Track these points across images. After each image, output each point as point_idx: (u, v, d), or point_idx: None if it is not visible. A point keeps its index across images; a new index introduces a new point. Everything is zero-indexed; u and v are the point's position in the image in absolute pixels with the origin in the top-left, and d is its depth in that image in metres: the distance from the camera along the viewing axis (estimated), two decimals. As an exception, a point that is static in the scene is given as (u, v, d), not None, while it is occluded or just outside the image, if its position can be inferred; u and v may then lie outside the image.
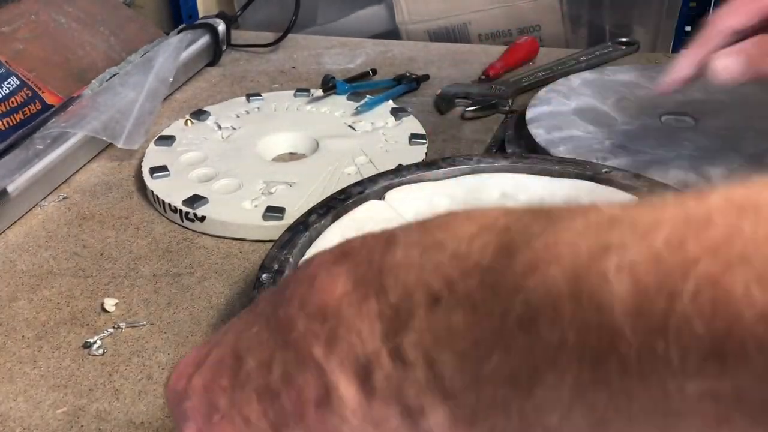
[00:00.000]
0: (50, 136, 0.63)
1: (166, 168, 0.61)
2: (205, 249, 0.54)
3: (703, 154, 0.56)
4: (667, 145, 0.58)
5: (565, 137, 0.59)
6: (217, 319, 0.48)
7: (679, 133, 0.60)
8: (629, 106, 0.64)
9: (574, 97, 0.65)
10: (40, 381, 0.43)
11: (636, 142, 0.58)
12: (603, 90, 0.66)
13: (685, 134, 0.59)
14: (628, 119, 0.62)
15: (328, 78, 0.74)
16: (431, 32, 0.96)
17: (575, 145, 0.58)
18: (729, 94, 0.62)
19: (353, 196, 0.46)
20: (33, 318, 0.48)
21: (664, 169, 0.54)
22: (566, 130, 0.60)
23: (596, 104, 0.64)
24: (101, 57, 0.81)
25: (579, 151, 0.57)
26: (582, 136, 0.59)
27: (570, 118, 0.62)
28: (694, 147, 0.57)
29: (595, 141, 0.59)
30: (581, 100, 0.65)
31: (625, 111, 0.63)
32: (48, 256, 0.54)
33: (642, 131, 0.60)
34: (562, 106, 0.64)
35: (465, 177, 0.48)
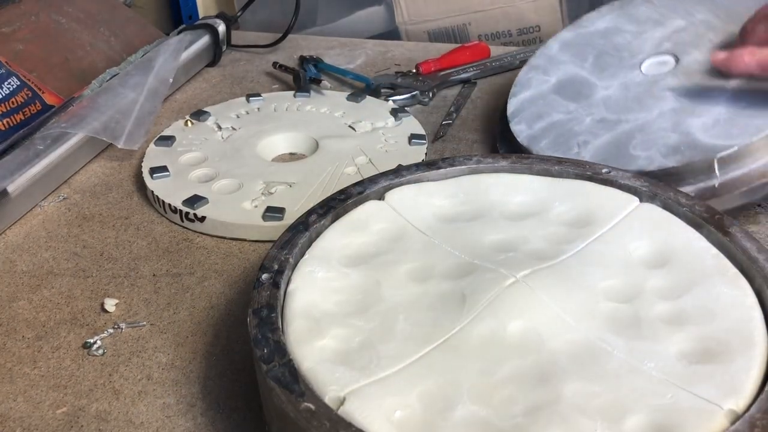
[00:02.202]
0: (50, 136, 0.63)
1: (166, 168, 0.61)
2: (205, 249, 0.54)
3: (686, 104, 0.54)
4: (648, 102, 0.56)
5: (547, 126, 0.59)
6: (217, 319, 0.48)
7: (660, 82, 0.57)
8: (609, 62, 0.62)
9: (554, 70, 0.64)
10: (40, 381, 0.43)
11: (616, 109, 0.57)
12: (582, 49, 0.64)
13: (666, 81, 0.57)
14: (608, 80, 0.60)
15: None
16: (431, 33, 0.96)
17: (557, 134, 0.58)
18: (711, 11, 0.60)
19: (353, 197, 0.46)
20: (33, 318, 0.48)
21: (647, 137, 0.53)
22: (547, 117, 0.60)
23: (576, 71, 0.63)
24: (101, 57, 0.81)
25: (560, 140, 0.57)
26: (563, 120, 0.59)
27: (550, 98, 0.61)
28: (675, 97, 0.55)
29: (576, 122, 0.58)
30: (561, 71, 0.63)
31: (605, 70, 0.61)
32: (48, 257, 0.54)
33: (622, 93, 0.59)
34: (543, 85, 0.63)
35: (465, 177, 0.48)
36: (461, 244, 0.43)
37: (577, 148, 0.57)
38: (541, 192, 0.47)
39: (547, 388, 0.34)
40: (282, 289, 0.39)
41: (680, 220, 0.43)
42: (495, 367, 0.35)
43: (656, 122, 0.54)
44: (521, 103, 0.63)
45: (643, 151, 0.53)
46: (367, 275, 0.41)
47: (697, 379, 0.34)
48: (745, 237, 0.40)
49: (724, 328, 0.36)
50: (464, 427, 0.32)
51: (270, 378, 0.34)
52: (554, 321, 0.37)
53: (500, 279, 0.39)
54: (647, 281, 0.40)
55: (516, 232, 0.44)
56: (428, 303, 0.39)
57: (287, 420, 0.32)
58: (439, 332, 0.37)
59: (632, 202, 0.45)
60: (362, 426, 0.32)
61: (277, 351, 0.35)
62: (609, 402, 0.33)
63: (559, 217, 0.45)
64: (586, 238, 0.43)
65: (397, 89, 0.75)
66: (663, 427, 0.32)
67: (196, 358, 0.45)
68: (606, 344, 0.36)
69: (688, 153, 0.51)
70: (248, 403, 0.41)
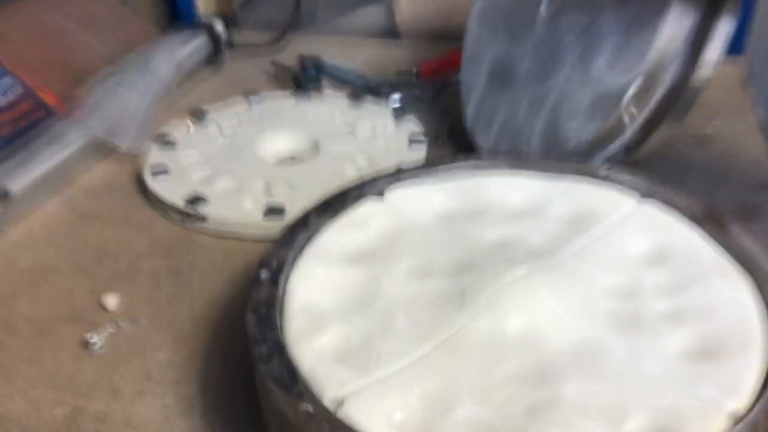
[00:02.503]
0: (50, 136, 0.63)
1: (167, 169, 0.61)
2: (206, 248, 0.54)
3: (585, 41, 0.53)
4: (557, 58, 0.55)
5: (500, 129, 0.59)
6: (217, 317, 0.48)
7: (557, 28, 0.56)
8: (517, 22, 0.60)
9: (482, 54, 0.63)
10: (39, 380, 0.43)
11: (538, 80, 0.56)
12: (493, 19, 0.62)
13: (562, 23, 0.55)
14: (522, 46, 0.59)
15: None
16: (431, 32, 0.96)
17: (510, 134, 0.58)
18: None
19: (352, 196, 0.46)
20: (33, 316, 0.48)
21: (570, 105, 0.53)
22: (496, 119, 0.60)
23: (498, 48, 0.61)
24: (101, 58, 0.81)
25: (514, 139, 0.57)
26: (508, 115, 0.59)
27: (492, 93, 0.61)
28: (575, 38, 0.54)
29: (516, 112, 0.58)
30: (487, 54, 0.62)
31: (516, 33, 0.60)
32: (48, 254, 0.54)
33: (536, 59, 0.57)
34: (481, 79, 0.62)
35: (464, 177, 0.48)
36: (461, 242, 0.43)
37: (525, 148, 0.57)
38: (541, 190, 0.47)
39: (547, 388, 0.34)
40: (281, 287, 0.39)
41: (679, 219, 0.43)
42: (495, 366, 0.35)
43: (571, 80, 0.54)
44: (474, 109, 0.63)
45: (568, 124, 0.53)
46: (367, 273, 0.41)
47: (697, 379, 0.34)
48: (744, 236, 0.40)
49: (723, 327, 0.36)
50: (464, 427, 0.32)
51: (268, 378, 0.34)
52: (554, 319, 0.37)
53: (500, 277, 0.39)
54: (647, 280, 0.40)
55: (515, 230, 0.44)
56: (428, 300, 0.39)
57: (286, 421, 0.32)
58: (438, 330, 0.37)
59: (631, 200, 0.45)
60: (362, 427, 0.32)
61: (276, 349, 0.35)
62: (609, 402, 0.33)
63: (558, 215, 0.45)
64: (586, 236, 0.43)
65: (397, 89, 0.75)
66: (663, 428, 0.32)
67: (195, 356, 0.45)
68: (606, 343, 0.36)
69: (604, 106, 0.50)
70: (248, 403, 0.41)
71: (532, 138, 0.57)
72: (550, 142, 0.55)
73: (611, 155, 0.51)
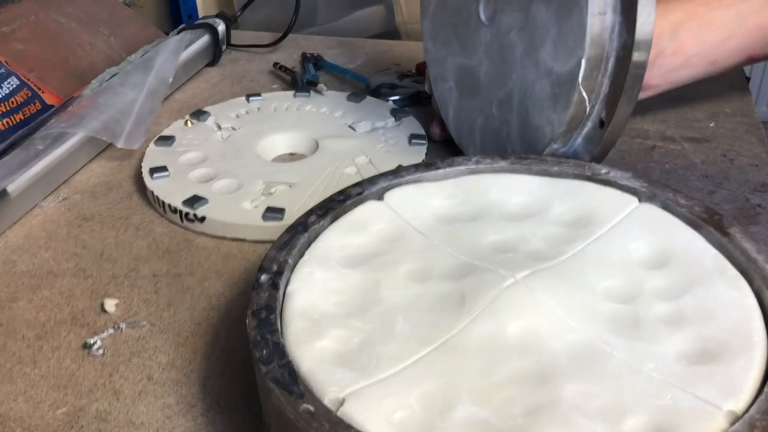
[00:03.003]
0: (50, 136, 0.63)
1: (166, 168, 0.61)
2: (205, 249, 0.54)
3: (521, 39, 0.53)
4: (508, 57, 0.55)
5: (481, 137, 0.60)
6: (217, 319, 0.48)
7: (500, 28, 0.55)
8: (464, 31, 0.59)
9: (444, 71, 0.62)
10: (40, 381, 0.43)
11: (498, 82, 0.56)
12: (442, 33, 0.62)
13: (502, 22, 0.55)
14: (474, 53, 0.59)
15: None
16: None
17: (491, 140, 0.58)
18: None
19: (352, 197, 0.46)
20: (33, 318, 0.48)
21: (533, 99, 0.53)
22: (475, 127, 0.60)
23: (455, 61, 0.61)
24: (101, 57, 0.81)
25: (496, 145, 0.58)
26: (484, 122, 0.59)
27: (462, 105, 0.61)
28: (516, 35, 0.54)
29: (490, 118, 0.58)
30: (448, 68, 0.62)
31: (467, 43, 0.59)
32: (48, 257, 0.54)
33: (490, 62, 0.57)
34: (450, 94, 0.62)
35: (464, 177, 0.48)
36: (460, 245, 0.43)
37: (508, 146, 0.57)
38: (540, 192, 0.47)
39: (547, 389, 0.34)
40: (281, 291, 0.39)
41: (679, 221, 0.43)
42: (495, 368, 0.35)
43: (527, 76, 0.54)
44: (454, 124, 0.63)
45: (539, 115, 0.53)
46: (367, 276, 0.41)
47: (697, 380, 0.34)
48: (745, 237, 0.40)
49: (724, 329, 0.36)
50: (464, 428, 0.32)
51: (269, 379, 0.34)
52: (554, 322, 0.37)
53: (500, 280, 0.39)
54: (647, 282, 0.40)
55: (515, 232, 0.44)
56: (427, 304, 0.39)
57: (286, 421, 0.32)
58: (438, 333, 0.37)
59: (631, 202, 0.45)
60: (362, 427, 0.32)
61: (276, 352, 0.35)
62: (609, 403, 0.33)
63: (558, 217, 0.45)
64: (586, 238, 0.43)
65: (397, 89, 0.76)
66: (663, 428, 0.32)
67: (196, 358, 0.45)
68: (606, 345, 0.36)
69: (563, 93, 0.50)
70: (248, 403, 0.41)
71: (510, 136, 0.57)
72: (528, 135, 0.55)
73: (588, 136, 0.52)
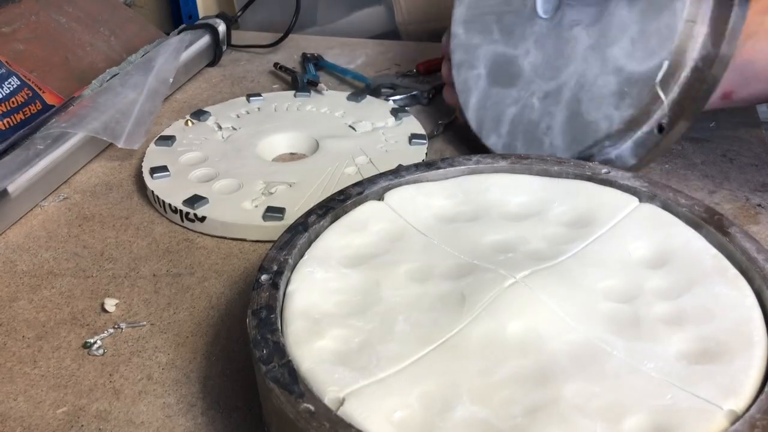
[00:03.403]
0: (51, 136, 0.63)
1: (167, 168, 0.61)
2: (206, 249, 0.54)
3: (595, 33, 0.53)
4: (567, 50, 0.55)
5: (511, 127, 0.59)
6: (217, 319, 0.48)
7: (561, 20, 0.55)
8: (512, 21, 0.59)
9: (475, 59, 0.62)
10: (41, 381, 0.43)
11: (548, 75, 0.56)
12: (483, 21, 0.61)
13: (565, 16, 0.55)
14: (522, 44, 0.58)
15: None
16: (431, 33, 0.96)
17: (523, 132, 0.58)
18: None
19: (352, 197, 0.46)
20: (33, 318, 0.48)
21: (591, 94, 0.54)
22: (504, 117, 0.60)
23: (493, 49, 0.60)
24: (101, 57, 0.81)
25: (529, 137, 0.58)
26: (517, 113, 0.59)
27: (493, 93, 0.61)
28: (584, 30, 0.54)
29: (528, 109, 0.58)
30: (481, 56, 0.61)
31: (512, 32, 0.59)
32: (48, 257, 0.54)
33: (542, 53, 0.57)
34: (479, 81, 0.62)
35: (464, 177, 0.48)
36: (461, 245, 0.43)
37: (547, 139, 0.57)
38: (541, 192, 0.47)
39: (547, 389, 0.34)
40: (281, 290, 0.39)
41: (679, 221, 0.43)
42: (495, 367, 0.35)
43: (588, 70, 0.54)
44: (476, 112, 0.63)
45: (596, 111, 0.54)
46: (367, 276, 0.41)
47: (697, 380, 0.34)
48: (745, 237, 0.41)
49: (724, 329, 0.36)
50: (464, 427, 0.32)
51: (269, 379, 0.34)
52: (554, 321, 0.37)
53: (500, 279, 0.39)
54: (647, 281, 0.40)
55: (515, 232, 0.44)
56: (428, 303, 0.39)
57: (287, 421, 0.32)
58: (438, 333, 0.37)
59: (632, 202, 0.45)
60: (362, 427, 0.32)
61: (277, 352, 0.35)
62: (609, 402, 0.33)
63: (558, 217, 0.45)
64: (586, 238, 0.43)
65: (397, 89, 0.76)
66: (662, 428, 0.32)
67: (196, 358, 0.45)
68: (606, 344, 0.36)
69: (632, 92, 0.51)
70: (248, 402, 0.41)
71: (552, 129, 0.57)
72: (576, 129, 0.55)
73: (644, 138, 0.52)
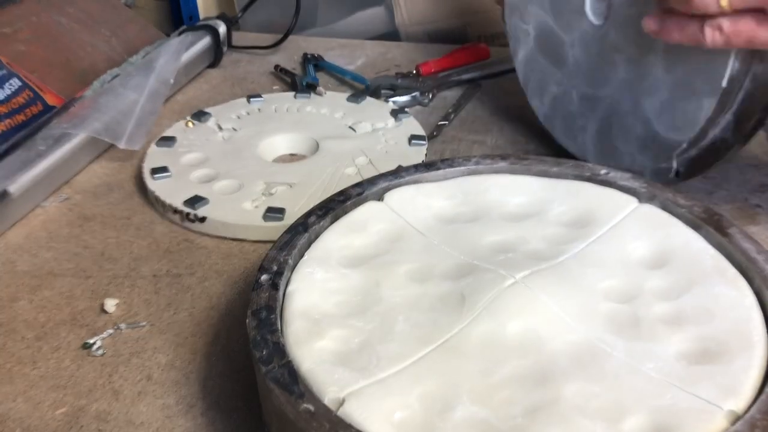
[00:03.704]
0: (51, 137, 0.63)
1: (167, 169, 0.61)
2: (206, 250, 0.54)
3: (632, 73, 0.53)
4: (606, 69, 0.55)
5: (552, 103, 0.61)
6: (217, 319, 0.48)
7: (605, 38, 0.54)
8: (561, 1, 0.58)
9: (525, 12, 0.61)
10: (40, 381, 0.43)
11: (588, 79, 0.57)
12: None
13: (608, 36, 0.54)
14: (569, 31, 0.58)
15: None
16: (431, 34, 0.96)
17: (563, 115, 0.60)
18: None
19: (352, 198, 0.46)
20: (33, 318, 0.48)
21: (621, 124, 0.55)
22: (548, 90, 0.61)
23: (543, 18, 0.60)
24: (102, 58, 0.81)
25: (567, 124, 0.60)
26: (559, 95, 0.60)
27: (540, 62, 0.61)
28: (623, 63, 0.54)
29: (568, 99, 0.59)
30: (531, 14, 0.61)
31: (561, 12, 0.58)
32: (49, 257, 0.54)
33: (585, 53, 0.57)
34: (527, 39, 0.62)
35: (464, 178, 0.48)
36: (460, 245, 0.43)
37: (580, 137, 0.59)
38: (540, 193, 0.47)
39: (547, 389, 0.34)
40: (281, 291, 0.39)
41: (679, 221, 0.43)
42: (495, 367, 0.35)
43: (622, 103, 0.55)
44: (523, 66, 0.63)
45: (624, 144, 0.55)
46: (367, 276, 0.41)
47: (697, 380, 0.34)
48: (744, 238, 0.41)
49: (723, 329, 0.36)
50: (464, 427, 0.32)
51: (269, 379, 0.34)
52: (554, 322, 0.37)
53: (499, 280, 0.39)
54: (646, 282, 0.40)
55: (515, 232, 0.44)
56: (428, 304, 0.39)
57: (287, 421, 0.32)
58: (438, 333, 0.37)
59: (631, 202, 0.45)
60: (362, 427, 0.32)
61: (277, 352, 0.35)
62: (608, 402, 0.33)
63: (558, 217, 0.45)
64: (586, 238, 0.43)
65: (397, 90, 0.76)
66: (662, 428, 0.32)
67: (196, 358, 0.45)
68: (605, 345, 0.36)
69: (655, 149, 0.53)
70: (248, 403, 0.41)
71: (586, 134, 0.58)
72: (604, 147, 0.57)
73: (662, 171, 0.54)
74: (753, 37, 0.43)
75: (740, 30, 0.43)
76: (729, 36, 0.43)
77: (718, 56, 0.46)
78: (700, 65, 0.48)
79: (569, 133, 0.60)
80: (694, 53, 0.48)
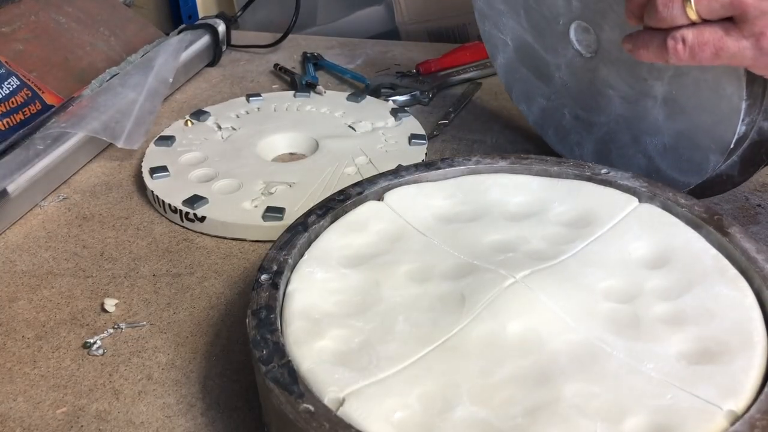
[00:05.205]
0: (50, 136, 0.63)
1: (166, 168, 0.61)
2: (205, 249, 0.54)
3: (628, 109, 0.52)
4: (599, 100, 0.54)
5: (541, 112, 0.60)
6: (217, 319, 0.48)
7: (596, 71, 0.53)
8: (541, 23, 0.56)
9: (501, 24, 0.60)
10: (40, 381, 0.43)
11: (581, 103, 0.56)
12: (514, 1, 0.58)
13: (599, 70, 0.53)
14: (553, 54, 0.56)
15: None
16: (431, 33, 0.96)
17: (555, 126, 0.59)
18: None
19: (352, 197, 0.46)
20: (33, 318, 0.48)
21: (620, 152, 0.54)
22: (534, 100, 0.61)
23: (520, 33, 0.58)
24: (101, 57, 0.81)
25: (561, 134, 0.59)
26: (549, 108, 0.60)
27: (522, 72, 0.60)
28: (618, 98, 0.52)
29: (559, 114, 0.59)
30: (508, 28, 0.59)
31: (542, 34, 0.56)
32: (48, 257, 0.54)
33: (574, 79, 0.55)
34: (506, 48, 0.61)
35: (464, 177, 0.48)
36: (460, 245, 0.43)
37: (578, 150, 0.58)
38: (541, 192, 0.47)
39: (547, 389, 0.34)
40: (281, 290, 0.39)
41: (679, 221, 0.43)
42: (494, 367, 0.35)
43: (620, 134, 0.54)
44: (504, 73, 0.62)
45: (624, 167, 0.54)
46: (367, 276, 0.41)
47: (697, 380, 0.34)
48: (745, 237, 0.41)
49: (724, 329, 0.36)
50: (464, 427, 0.32)
51: (269, 379, 0.34)
52: (554, 321, 0.37)
53: (500, 280, 0.39)
54: (647, 282, 0.40)
55: (515, 232, 0.44)
56: (427, 304, 0.39)
57: (287, 421, 0.32)
58: (438, 333, 0.37)
59: (631, 202, 0.45)
60: (362, 427, 0.32)
61: (276, 352, 0.35)
62: (608, 402, 0.33)
63: (558, 217, 0.45)
64: (586, 238, 0.43)
65: (397, 89, 0.76)
66: (662, 428, 0.32)
67: (196, 358, 0.45)
68: (605, 345, 0.36)
69: (659, 180, 0.51)
70: (248, 403, 0.41)
71: (582, 147, 0.57)
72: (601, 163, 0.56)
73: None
74: (720, 49, 0.40)
75: (706, 40, 0.40)
76: (693, 48, 0.41)
77: (725, 119, 0.45)
78: (706, 126, 0.47)
79: (565, 146, 0.59)
80: (696, 111, 0.47)
